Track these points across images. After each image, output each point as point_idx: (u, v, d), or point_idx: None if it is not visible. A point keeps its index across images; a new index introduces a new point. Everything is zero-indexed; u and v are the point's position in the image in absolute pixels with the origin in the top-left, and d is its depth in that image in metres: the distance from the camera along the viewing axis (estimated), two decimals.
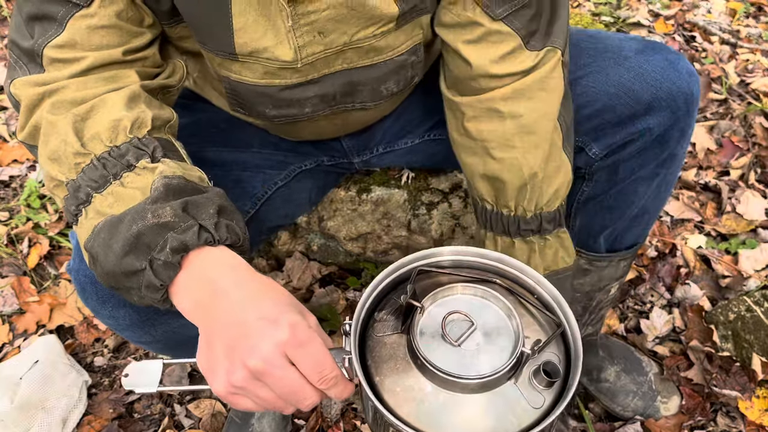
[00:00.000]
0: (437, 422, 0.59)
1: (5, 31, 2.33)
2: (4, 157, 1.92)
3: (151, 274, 0.62)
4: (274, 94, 0.85)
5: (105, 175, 0.66)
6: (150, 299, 0.65)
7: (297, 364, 0.58)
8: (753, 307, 1.37)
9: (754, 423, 1.29)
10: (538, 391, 0.61)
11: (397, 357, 0.63)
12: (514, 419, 0.60)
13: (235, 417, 1.33)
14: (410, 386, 0.61)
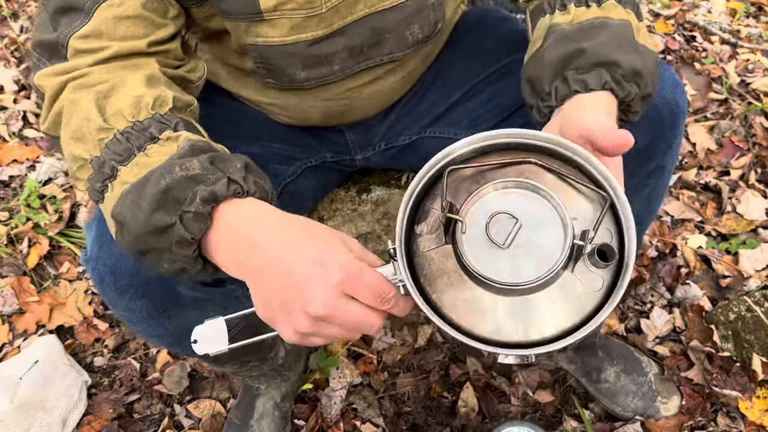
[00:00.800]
0: (503, 329, 0.59)
1: (5, 30, 2.33)
2: (4, 157, 1.92)
3: (182, 227, 0.61)
4: (302, 52, 0.85)
5: (129, 148, 0.66)
6: (182, 259, 0.63)
7: (356, 296, 0.59)
8: (753, 307, 1.37)
9: (754, 423, 1.29)
10: (595, 273, 0.60)
11: (448, 271, 0.61)
12: (577, 307, 0.59)
13: (234, 418, 1.33)
14: (468, 299, 0.60)
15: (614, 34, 0.76)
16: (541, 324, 0.59)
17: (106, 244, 0.79)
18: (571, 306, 0.59)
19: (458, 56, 1.08)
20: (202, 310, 0.88)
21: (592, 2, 0.80)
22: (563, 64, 0.76)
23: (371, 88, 0.98)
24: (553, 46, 0.78)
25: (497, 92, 1.04)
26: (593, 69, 0.74)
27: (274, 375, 1.26)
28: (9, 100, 2.07)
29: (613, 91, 0.74)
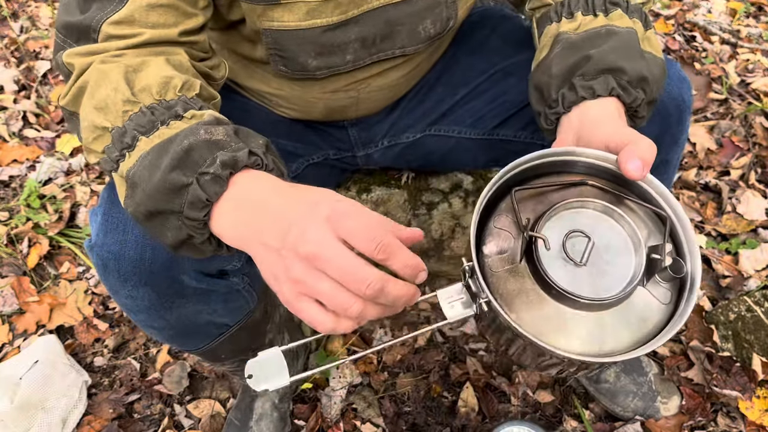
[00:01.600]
0: (583, 343, 0.61)
1: (5, 30, 2.33)
2: (4, 157, 1.92)
3: (198, 188, 0.61)
4: (316, 38, 0.85)
5: (153, 121, 0.66)
6: (190, 224, 0.63)
7: (347, 238, 0.56)
8: (753, 307, 1.37)
9: (754, 423, 1.29)
10: (664, 287, 0.63)
11: (526, 290, 0.62)
12: (651, 319, 0.62)
13: (233, 419, 1.33)
14: (549, 316, 0.61)
15: (620, 41, 0.77)
16: (617, 337, 0.61)
17: (111, 231, 0.79)
18: (643, 319, 0.62)
19: (462, 54, 1.08)
20: (205, 302, 0.88)
21: (599, 11, 0.81)
22: (570, 71, 0.77)
23: (377, 81, 0.98)
24: (560, 54, 0.79)
25: (502, 91, 1.04)
26: (600, 75, 0.75)
27: None
28: (9, 100, 2.07)
29: (620, 97, 0.75)
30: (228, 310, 0.95)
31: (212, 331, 0.98)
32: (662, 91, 0.80)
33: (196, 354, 1.04)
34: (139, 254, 0.78)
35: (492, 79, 1.05)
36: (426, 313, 1.52)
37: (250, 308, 1.00)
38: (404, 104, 1.09)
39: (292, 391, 1.37)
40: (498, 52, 1.05)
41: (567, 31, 0.81)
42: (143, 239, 0.78)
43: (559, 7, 0.84)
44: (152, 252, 0.79)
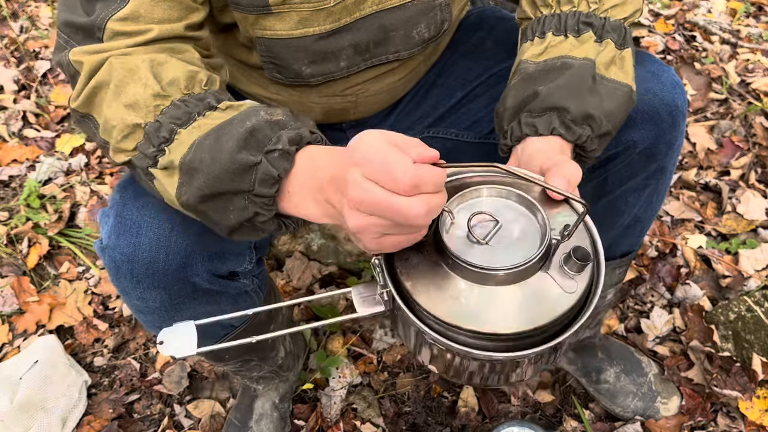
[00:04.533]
0: (474, 316, 0.61)
1: (5, 30, 2.33)
2: (4, 157, 1.92)
3: (269, 165, 0.62)
4: (309, 46, 0.85)
5: (189, 113, 0.67)
6: (259, 201, 0.64)
7: (374, 179, 0.57)
8: (753, 307, 1.37)
9: (754, 423, 1.29)
10: (570, 277, 0.62)
11: (427, 260, 0.64)
12: (550, 306, 0.61)
13: (233, 419, 1.33)
14: (443, 286, 0.62)
15: (572, 77, 0.77)
16: (514, 316, 0.61)
17: (124, 233, 0.79)
18: (544, 303, 0.61)
19: (459, 56, 1.08)
20: (215, 303, 0.88)
21: (570, 32, 0.81)
22: (520, 106, 0.79)
23: (374, 86, 0.98)
24: (516, 86, 0.81)
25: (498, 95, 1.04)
26: (545, 113, 0.77)
27: (273, 376, 1.26)
28: (9, 100, 2.07)
29: (562, 136, 0.76)
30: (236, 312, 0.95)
31: (218, 332, 0.98)
32: (621, 119, 0.80)
33: (201, 354, 1.04)
34: (152, 257, 0.78)
35: (488, 82, 1.05)
36: None
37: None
38: (402, 107, 1.09)
39: (292, 391, 1.37)
40: (494, 55, 1.05)
41: (528, 58, 0.82)
42: (157, 242, 0.78)
43: (536, 23, 0.84)
44: (166, 254, 0.78)
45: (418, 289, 0.62)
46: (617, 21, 0.82)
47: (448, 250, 0.62)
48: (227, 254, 0.85)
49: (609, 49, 0.80)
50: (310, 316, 1.51)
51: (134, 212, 0.79)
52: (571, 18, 0.81)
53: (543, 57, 0.81)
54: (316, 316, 1.51)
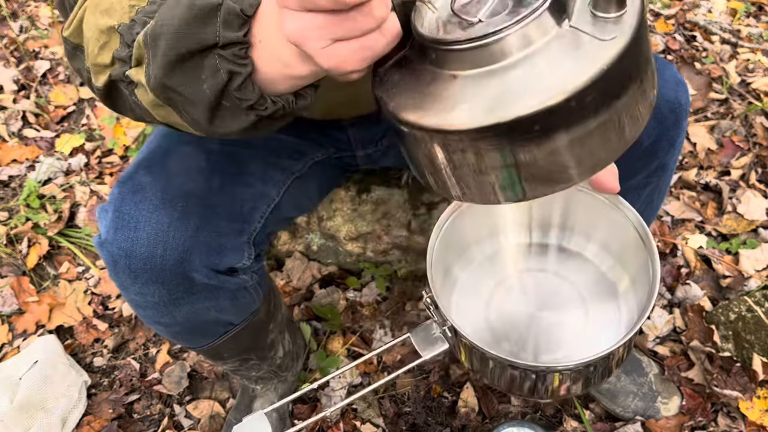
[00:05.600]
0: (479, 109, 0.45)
1: (5, 30, 2.33)
2: (3, 157, 1.92)
3: (231, 2, 0.52)
4: None
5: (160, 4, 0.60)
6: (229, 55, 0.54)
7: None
8: (754, 307, 1.37)
9: (754, 423, 1.29)
10: (607, 21, 0.44)
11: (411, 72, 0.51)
12: (584, 63, 0.43)
13: (233, 419, 1.33)
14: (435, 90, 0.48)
15: None
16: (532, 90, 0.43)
17: (122, 228, 0.79)
18: (578, 61, 0.43)
19: None
20: (213, 299, 0.88)
21: None
22: None
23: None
24: None
25: None
26: None
27: (271, 376, 1.26)
28: (9, 100, 2.07)
29: None
30: (235, 309, 0.95)
31: (217, 330, 0.98)
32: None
33: (199, 352, 1.05)
34: (150, 251, 0.78)
35: None
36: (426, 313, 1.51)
37: (255, 307, 1.01)
38: None
39: (291, 391, 1.37)
40: None
41: None
42: (155, 236, 0.78)
43: None
44: (164, 249, 0.78)
45: (405, 106, 0.49)
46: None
47: (426, 37, 0.48)
48: (225, 249, 0.85)
49: None
50: (310, 316, 1.51)
51: (132, 207, 0.79)
52: None
53: None
54: (316, 316, 1.51)
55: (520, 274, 0.80)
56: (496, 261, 0.80)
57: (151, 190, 0.80)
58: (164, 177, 0.80)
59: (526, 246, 0.81)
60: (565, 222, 0.78)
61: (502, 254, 0.81)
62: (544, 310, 0.75)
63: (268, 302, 1.06)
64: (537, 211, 0.78)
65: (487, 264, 0.80)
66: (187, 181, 0.80)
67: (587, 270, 0.77)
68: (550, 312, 0.75)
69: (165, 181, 0.80)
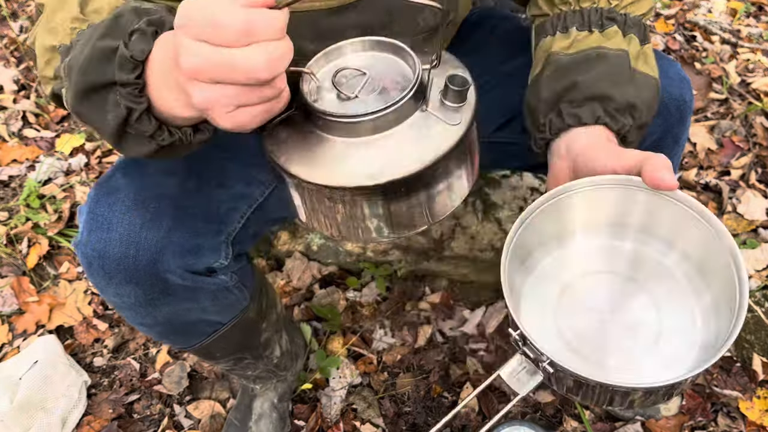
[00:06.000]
0: (358, 171, 0.57)
1: (5, 30, 2.33)
2: (3, 157, 1.92)
3: (124, 48, 0.58)
4: (315, 21, 0.85)
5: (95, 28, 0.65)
6: (125, 93, 0.59)
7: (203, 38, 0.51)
8: (754, 307, 1.37)
9: (754, 423, 1.29)
10: (453, 110, 0.60)
11: (297, 131, 0.60)
12: (436, 141, 0.58)
13: (233, 419, 1.33)
14: (319, 151, 0.58)
15: (610, 66, 0.76)
16: (398, 158, 0.57)
17: (96, 230, 0.80)
18: (429, 140, 0.57)
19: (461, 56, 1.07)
20: (193, 300, 0.88)
21: (594, 27, 0.80)
22: (558, 96, 0.77)
23: None
24: (550, 77, 0.79)
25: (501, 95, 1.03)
26: (586, 103, 0.75)
27: (270, 376, 1.26)
28: (9, 100, 2.07)
29: (607, 125, 0.75)
30: (219, 308, 0.95)
31: (205, 329, 0.97)
32: (654, 112, 0.80)
33: (190, 351, 1.05)
34: (123, 252, 0.79)
35: (491, 82, 1.04)
36: (426, 313, 1.51)
37: (243, 306, 1.00)
38: None
39: (291, 391, 1.37)
40: (497, 54, 1.05)
41: (558, 51, 0.81)
42: (127, 237, 0.79)
43: (555, 19, 0.83)
44: (136, 250, 0.79)
45: (294, 161, 0.58)
46: (637, 17, 0.81)
47: (315, 109, 0.57)
48: (201, 250, 0.85)
49: (634, 43, 0.80)
50: (311, 317, 1.51)
51: (106, 208, 0.80)
52: (594, 14, 0.81)
53: (573, 49, 0.80)
54: (316, 316, 1.51)
55: (589, 276, 0.76)
56: (562, 265, 0.76)
57: (124, 192, 0.81)
58: (139, 179, 0.81)
59: (596, 247, 0.77)
60: (646, 225, 0.74)
61: (568, 256, 0.77)
62: (615, 314, 0.72)
63: (258, 301, 1.05)
64: (614, 210, 0.74)
65: (550, 268, 0.76)
66: (162, 183, 0.80)
67: (664, 277, 0.74)
68: (621, 316, 0.72)
69: (139, 183, 0.81)
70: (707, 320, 0.70)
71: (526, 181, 1.38)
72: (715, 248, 0.68)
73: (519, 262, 0.73)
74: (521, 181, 1.38)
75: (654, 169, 0.66)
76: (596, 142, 0.74)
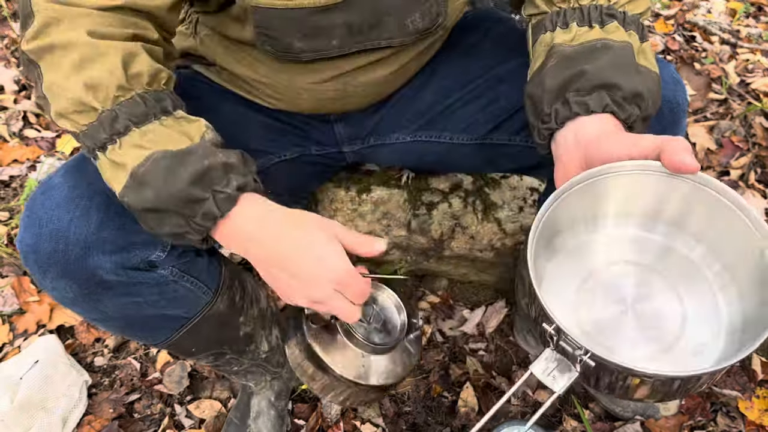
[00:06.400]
0: (362, 375, 0.87)
1: (5, 31, 2.33)
2: (4, 157, 1.92)
3: (213, 204, 0.72)
4: (303, 19, 0.86)
5: (146, 113, 0.73)
6: (195, 227, 0.74)
7: (345, 293, 0.76)
8: None
9: (754, 423, 1.29)
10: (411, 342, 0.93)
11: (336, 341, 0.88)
12: (407, 363, 0.92)
13: (233, 417, 1.33)
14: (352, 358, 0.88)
15: (616, 56, 0.76)
16: (385, 373, 0.89)
17: (30, 226, 0.81)
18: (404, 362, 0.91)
19: (455, 57, 1.08)
20: (136, 294, 0.88)
21: (595, 23, 0.80)
22: (564, 86, 0.77)
23: (363, 76, 0.98)
24: (554, 67, 0.79)
25: (495, 97, 1.03)
26: (594, 91, 0.75)
27: (261, 371, 1.25)
28: (9, 100, 2.08)
29: (614, 114, 0.75)
30: (172, 303, 0.93)
31: (168, 324, 0.96)
32: (658, 105, 0.80)
33: (161, 347, 1.05)
34: (53, 247, 0.80)
35: (485, 84, 1.04)
36: (426, 312, 1.52)
37: (206, 300, 0.97)
38: (392, 102, 1.09)
39: (288, 389, 1.37)
40: (491, 56, 1.05)
41: (562, 42, 0.81)
42: (57, 232, 0.80)
43: (555, 16, 0.83)
44: (65, 245, 0.80)
45: (326, 354, 0.86)
46: (635, 15, 0.82)
47: (352, 329, 0.86)
48: (133, 245, 0.85)
49: (635, 39, 0.80)
50: None
51: (38, 206, 0.82)
52: (594, 11, 0.81)
53: (577, 41, 0.80)
54: None
55: (613, 266, 0.75)
56: (587, 250, 0.76)
57: (57, 190, 0.83)
58: (75, 178, 0.83)
59: (624, 237, 0.77)
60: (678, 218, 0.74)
61: (594, 243, 0.76)
62: (636, 304, 0.72)
63: (229, 296, 1.03)
64: (646, 201, 0.74)
65: (576, 253, 0.76)
66: (96, 181, 0.80)
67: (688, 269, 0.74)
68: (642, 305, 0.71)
69: (74, 181, 0.83)
70: (731, 306, 0.70)
71: (525, 181, 1.38)
72: (743, 237, 0.67)
73: (544, 243, 0.72)
74: (521, 181, 1.38)
75: (674, 153, 0.66)
76: (608, 129, 0.74)
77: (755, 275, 0.67)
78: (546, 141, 0.80)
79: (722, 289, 0.72)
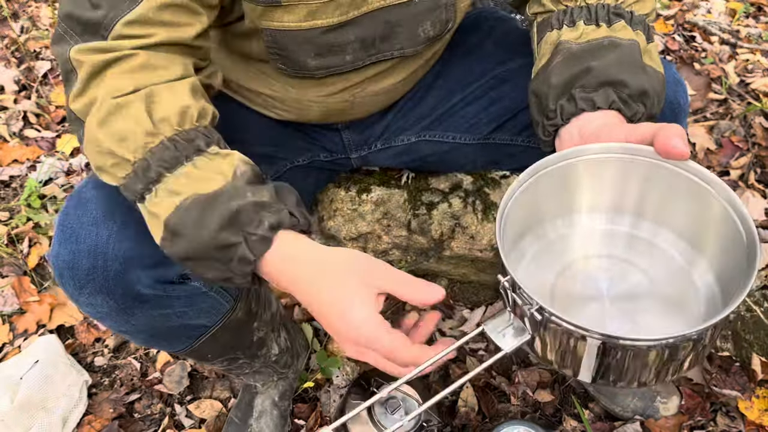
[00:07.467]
0: None
1: (6, 31, 2.33)
2: (4, 157, 1.92)
3: (246, 248, 0.67)
4: (316, 38, 0.85)
5: (177, 156, 0.69)
6: (239, 272, 0.69)
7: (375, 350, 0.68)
8: (753, 307, 1.37)
9: (753, 423, 1.29)
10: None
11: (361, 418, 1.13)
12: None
13: (234, 417, 1.33)
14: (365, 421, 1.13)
15: (623, 54, 0.76)
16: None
17: (65, 241, 0.80)
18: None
19: (457, 58, 1.08)
20: (168, 307, 0.88)
21: (602, 22, 0.80)
22: (570, 82, 0.77)
23: (373, 86, 0.98)
24: (560, 64, 0.79)
25: (498, 97, 1.04)
26: (600, 88, 0.75)
27: (270, 372, 1.25)
28: (9, 100, 2.08)
29: (620, 111, 0.75)
30: (198, 313, 0.94)
31: (190, 333, 0.97)
32: (662, 105, 0.80)
33: (180, 355, 1.04)
34: (91, 263, 0.79)
35: (487, 84, 1.04)
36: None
37: (228, 308, 0.99)
38: (398, 107, 1.09)
39: (292, 389, 1.37)
40: (493, 56, 1.05)
41: (568, 40, 0.81)
42: (95, 249, 0.79)
43: (562, 14, 0.83)
44: (104, 261, 0.79)
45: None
46: (641, 15, 0.82)
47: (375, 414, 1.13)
48: (169, 260, 0.84)
49: (641, 38, 0.80)
50: (312, 317, 1.51)
51: (74, 221, 0.81)
52: (601, 9, 0.81)
53: (584, 39, 0.80)
54: None
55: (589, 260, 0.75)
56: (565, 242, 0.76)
57: (93, 204, 0.81)
58: (109, 191, 0.81)
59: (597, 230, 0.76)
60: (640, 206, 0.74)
61: (572, 236, 0.76)
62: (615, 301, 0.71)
63: (247, 302, 1.04)
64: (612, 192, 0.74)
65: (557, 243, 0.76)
66: None
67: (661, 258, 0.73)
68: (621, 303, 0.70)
69: (109, 194, 0.81)
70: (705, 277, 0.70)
71: None
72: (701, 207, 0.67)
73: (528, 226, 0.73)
74: None
75: (666, 137, 0.66)
76: (611, 122, 0.74)
77: (720, 244, 0.67)
78: (550, 138, 0.80)
79: (692, 265, 0.72)
